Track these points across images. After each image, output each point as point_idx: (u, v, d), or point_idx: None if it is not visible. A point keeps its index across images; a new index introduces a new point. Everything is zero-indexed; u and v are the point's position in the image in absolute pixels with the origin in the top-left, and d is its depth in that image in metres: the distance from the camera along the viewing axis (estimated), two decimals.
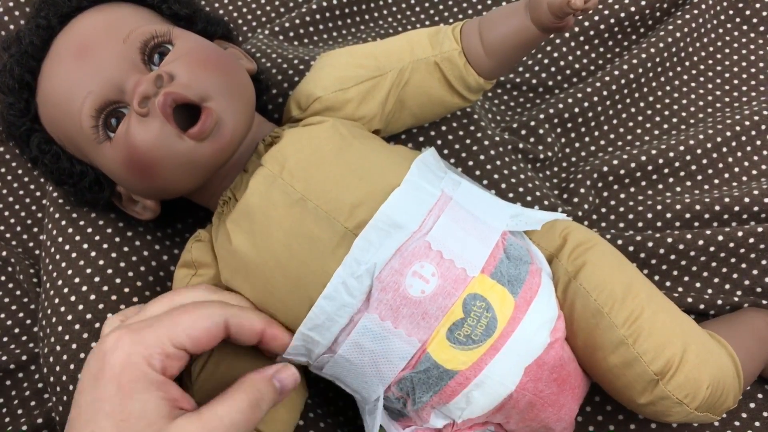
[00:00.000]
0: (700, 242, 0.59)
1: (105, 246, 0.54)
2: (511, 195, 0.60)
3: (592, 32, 0.74)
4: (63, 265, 0.54)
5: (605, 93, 0.70)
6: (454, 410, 0.46)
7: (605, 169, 0.66)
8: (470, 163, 0.61)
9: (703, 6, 0.74)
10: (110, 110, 0.47)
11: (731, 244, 0.59)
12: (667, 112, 0.72)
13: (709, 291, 0.60)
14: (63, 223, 0.56)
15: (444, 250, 0.44)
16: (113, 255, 0.54)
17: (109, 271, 0.53)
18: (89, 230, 0.55)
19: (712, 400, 0.47)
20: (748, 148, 0.68)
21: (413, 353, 0.44)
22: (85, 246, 0.54)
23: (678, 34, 0.72)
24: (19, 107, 0.50)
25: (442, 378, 0.44)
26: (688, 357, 0.46)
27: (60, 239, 0.55)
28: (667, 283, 0.61)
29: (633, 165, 0.66)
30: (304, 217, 0.45)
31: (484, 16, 0.53)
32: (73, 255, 0.54)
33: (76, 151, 0.50)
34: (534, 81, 0.74)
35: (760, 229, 0.58)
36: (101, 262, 0.53)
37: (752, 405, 0.56)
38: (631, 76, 0.71)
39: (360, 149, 0.48)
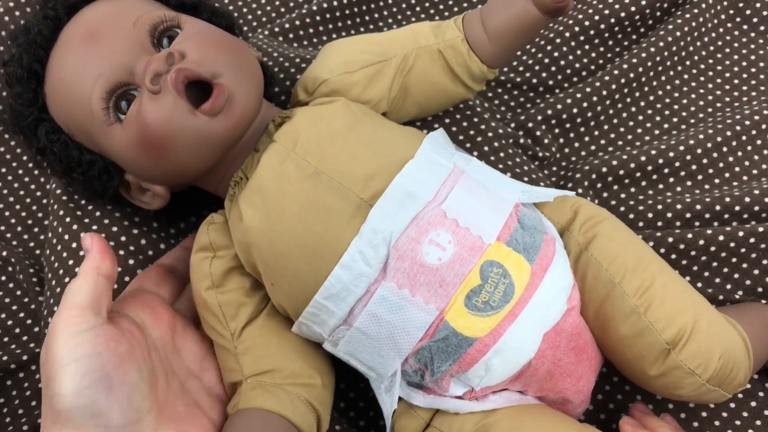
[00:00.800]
0: (701, 242, 0.59)
1: (111, 244, 0.54)
2: None
3: (592, 32, 0.74)
4: (70, 263, 0.54)
5: (605, 93, 0.70)
6: (473, 378, 0.46)
7: (604, 169, 0.66)
8: (475, 153, 0.61)
9: (704, 5, 0.74)
10: (121, 92, 0.47)
11: (732, 244, 0.59)
12: (667, 112, 0.72)
13: (710, 290, 0.60)
14: (68, 220, 0.56)
15: (459, 218, 0.44)
16: (120, 253, 0.54)
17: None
18: (94, 228, 0.55)
19: (723, 373, 0.47)
20: (749, 148, 0.68)
21: (431, 322, 0.44)
22: None
23: (678, 34, 0.72)
24: (27, 97, 0.50)
25: (461, 346, 0.44)
26: (700, 326, 0.46)
27: (66, 236, 0.55)
28: None
29: (633, 165, 0.66)
30: (318, 190, 0.45)
31: (486, 4, 0.54)
32: (81, 253, 0.54)
33: (85, 138, 0.50)
34: (534, 80, 0.74)
35: (760, 229, 0.58)
36: None
37: (753, 404, 0.56)
38: (631, 75, 0.71)
39: (371, 125, 0.49)
